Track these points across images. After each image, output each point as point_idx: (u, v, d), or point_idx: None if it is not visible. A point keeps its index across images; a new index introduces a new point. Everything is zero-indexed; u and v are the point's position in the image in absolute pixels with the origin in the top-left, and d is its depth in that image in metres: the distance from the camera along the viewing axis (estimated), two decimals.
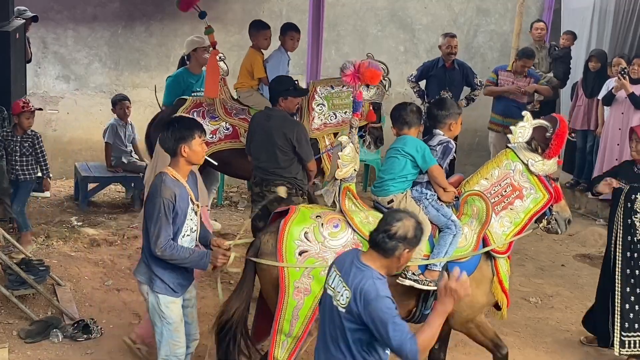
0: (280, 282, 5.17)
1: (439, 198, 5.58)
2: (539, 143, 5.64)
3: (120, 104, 9.86)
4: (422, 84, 10.10)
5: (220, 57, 8.00)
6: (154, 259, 4.86)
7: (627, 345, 6.47)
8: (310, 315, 5.19)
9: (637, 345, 6.46)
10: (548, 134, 5.58)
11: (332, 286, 4.11)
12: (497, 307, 5.73)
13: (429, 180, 5.62)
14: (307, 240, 5.21)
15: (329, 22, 10.95)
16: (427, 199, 5.53)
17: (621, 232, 6.49)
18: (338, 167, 5.34)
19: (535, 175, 5.63)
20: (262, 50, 8.29)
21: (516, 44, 11.16)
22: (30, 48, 9.98)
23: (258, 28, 8.34)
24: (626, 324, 6.45)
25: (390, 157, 5.59)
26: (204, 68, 8.43)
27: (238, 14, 11.02)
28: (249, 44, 8.43)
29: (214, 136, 7.80)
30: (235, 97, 8.24)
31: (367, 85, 6.78)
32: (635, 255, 6.43)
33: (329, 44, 11.15)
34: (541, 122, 5.68)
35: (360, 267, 4.00)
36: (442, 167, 5.61)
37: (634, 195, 6.41)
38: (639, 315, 6.45)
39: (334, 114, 7.83)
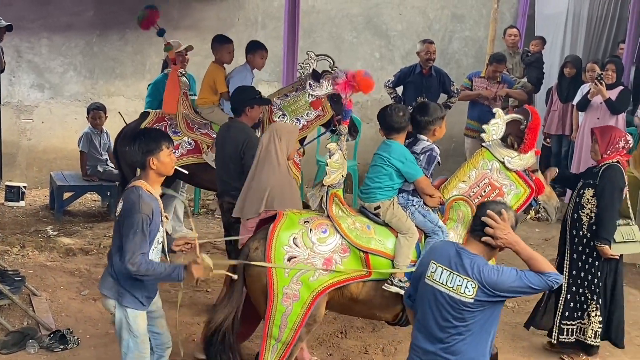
0: (269, 288, 5.16)
1: (425, 203, 5.59)
2: (515, 138, 5.62)
3: (93, 112, 9.82)
4: (400, 90, 10.13)
5: (181, 72, 8.00)
6: (123, 274, 4.81)
7: (565, 333, 6.58)
8: (299, 321, 5.19)
9: (574, 333, 6.57)
10: (522, 127, 5.57)
11: (441, 281, 4.26)
12: None
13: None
14: (296, 245, 5.21)
15: (304, 29, 10.95)
16: (414, 206, 5.53)
17: (569, 226, 6.56)
18: (326, 174, 5.34)
19: (514, 171, 5.62)
20: (224, 65, 8.25)
21: (491, 50, 11.24)
22: (4, 57, 9.91)
23: (221, 42, 8.31)
24: (566, 312, 6.55)
25: (376, 165, 5.56)
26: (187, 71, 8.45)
27: (213, 22, 11.01)
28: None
29: (177, 151, 7.75)
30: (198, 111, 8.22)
31: (318, 81, 6.82)
32: (580, 249, 6.50)
33: (304, 51, 11.06)
34: (514, 116, 5.68)
35: (469, 257, 4.25)
36: (427, 176, 5.60)
37: (582, 191, 6.47)
38: (578, 305, 6.54)
39: (297, 119, 7.82)
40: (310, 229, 5.27)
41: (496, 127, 5.61)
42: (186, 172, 5.64)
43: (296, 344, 5.25)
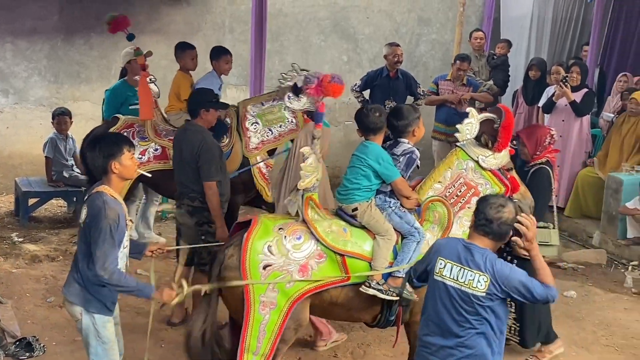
0: (246, 296, 5.13)
1: (402, 205, 5.59)
2: (489, 137, 5.61)
3: (58, 118, 9.73)
4: (367, 93, 10.15)
5: (150, 79, 7.94)
6: (90, 280, 4.76)
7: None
8: (277, 330, 5.17)
9: None
10: (495, 126, 5.57)
11: (452, 277, 4.33)
12: None
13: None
14: (271, 253, 5.17)
15: (271, 32, 10.94)
16: (391, 207, 5.51)
17: None
18: (301, 178, 5.32)
19: (489, 170, 5.60)
20: (190, 72, 8.21)
21: (457, 53, 11.31)
22: None
23: (183, 49, 8.21)
24: None
25: (354, 166, 5.54)
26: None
27: (180, 26, 10.97)
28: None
29: (143, 157, 7.71)
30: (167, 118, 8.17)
31: (298, 95, 6.83)
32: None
33: (272, 55, 11.14)
34: (487, 115, 5.65)
35: (479, 251, 4.32)
36: (405, 178, 5.59)
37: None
38: None
39: (270, 129, 7.77)
40: (285, 236, 5.24)
41: (470, 126, 5.57)
42: (149, 174, 5.57)
43: (275, 355, 5.23)
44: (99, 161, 4.81)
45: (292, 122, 7.72)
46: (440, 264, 4.39)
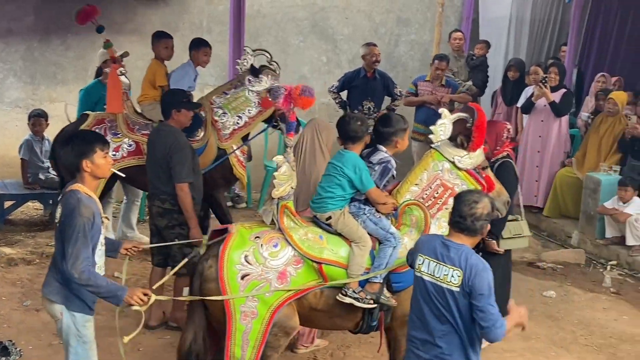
0: (226, 308, 5.10)
1: (378, 211, 5.55)
2: (463, 137, 5.57)
3: (34, 119, 9.64)
4: (344, 94, 10.12)
5: (120, 72, 7.86)
6: (70, 279, 4.71)
7: None
8: (260, 338, 5.13)
9: None
10: (468, 125, 5.55)
11: (429, 272, 4.41)
12: None
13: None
14: (248, 263, 5.13)
15: (250, 33, 10.90)
16: (365, 214, 5.47)
17: None
18: (275, 187, 5.28)
19: (464, 170, 5.56)
20: (164, 61, 8.15)
21: (436, 53, 11.31)
22: None
23: (159, 37, 8.23)
24: None
25: (330, 174, 5.49)
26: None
27: (157, 26, 10.84)
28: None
29: (117, 153, 7.63)
30: (140, 111, 8.10)
31: (257, 76, 6.73)
32: None
33: None
34: (459, 115, 5.64)
35: (456, 247, 4.37)
36: (379, 187, 5.55)
37: None
38: None
39: (239, 116, 7.73)
40: (262, 244, 5.20)
41: (443, 127, 5.55)
42: (123, 175, 5.52)
43: None
44: (71, 159, 4.77)
45: (258, 104, 7.69)
46: (420, 260, 4.46)
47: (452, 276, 4.31)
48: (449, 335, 4.37)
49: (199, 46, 8.25)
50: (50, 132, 9.72)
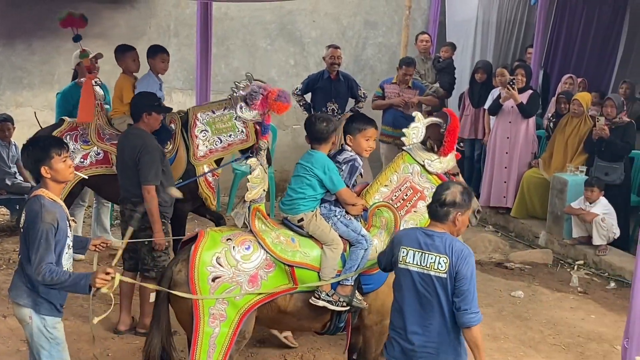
0: (195, 310, 5.07)
1: (347, 212, 5.56)
2: (435, 141, 5.61)
3: (0, 124, 9.52)
4: (309, 97, 10.12)
5: (95, 82, 7.81)
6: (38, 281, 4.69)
7: None
8: (227, 342, 5.11)
9: None
10: (442, 130, 5.58)
11: (415, 262, 4.50)
12: None
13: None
14: (220, 265, 5.11)
15: (217, 36, 10.87)
16: (336, 216, 5.49)
17: None
18: (248, 189, 5.27)
19: (435, 174, 5.59)
20: (133, 74, 8.07)
21: (403, 56, 11.36)
22: None
23: (124, 51, 8.04)
24: None
25: (299, 175, 5.50)
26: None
27: (123, 30, 10.82)
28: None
29: (85, 160, 7.62)
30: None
31: (247, 103, 6.79)
32: None
33: (218, 59, 11.07)
34: (433, 119, 5.67)
35: (438, 235, 4.50)
36: (349, 187, 5.58)
37: None
38: None
39: (219, 138, 7.70)
40: (234, 247, 5.19)
41: (416, 130, 5.59)
42: (84, 176, 5.51)
43: None
44: (30, 166, 4.80)
45: (242, 132, 7.65)
46: (403, 252, 4.55)
47: (439, 263, 4.44)
48: (436, 324, 4.49)
49: (154, 54, 8.12)
50: (17, 137, 9.63)
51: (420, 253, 4.49)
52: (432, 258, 4.45)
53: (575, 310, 7.92)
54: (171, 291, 5.12)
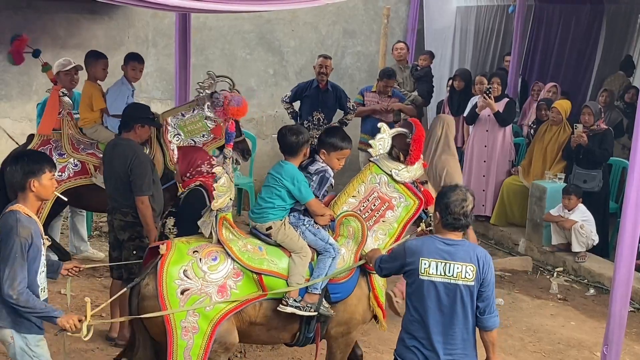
0: (167, 324, 5.05)
1: (316, 222, 5.57)
2: (400, 150, 5.64)
3: None
4: (297, 105, 10.13)
5: (62, 92, 7.77)
6: None
7: None
8: (202, 354, 5.09)
9: None
10: (408, 140, 5.62)
11: (439, 273, 4.49)
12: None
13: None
14: (187, 277, 5.10)
15: (196, 46, 10.85)
16: (305, 225, 5.51)
17: None
18: (213, 198, 5.27)
19: (402, 183, 5.62)
20: (98, 81, 8.01)
21: (382, 64, 11.40)
22: None
23: (96, 57, 7.99)
24: None
25: (269, 185, 5.51)
26: (74, 90, 8.27)
27: (101, 40, 10.78)
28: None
29: (63, 174, 7.57)
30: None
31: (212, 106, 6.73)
32: None
33: (197, 68, 11.02)
34: (398, 130, 5.70)
35: (459, 244, 4.53)
36: (318, 197, 5.60)
37: None
38: None
39: (192, 140, 7.72)
40: (200, 258, 5.18)
41: (382, 141, 5.62)
42: (65, 199, 5.49)
43: None
44: (17, 177, 4.73)
45: (213, 130, 7.67)
46: (425, 264, 4.52)
47: (467, 272, 4.47)
48: (459, 331, 4.54)
49: (126, 61, 8.13)
50: None
51: (443, 264, 4.49)
52: (458, 268, 4.47)
53: (555, 317, 7.96)
54: (139, 316, 5.12)
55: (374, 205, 5.61)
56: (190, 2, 5.65)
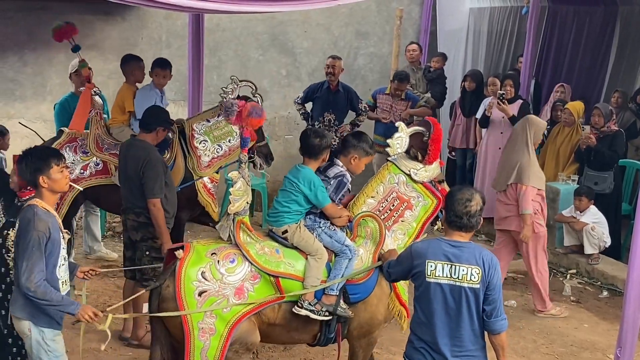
0: (184, 325, 5.09)
1: (332, 224, 5.57)
2: (418, 150, 5.65)
3: None
4: (309, 106, 10.15)
5: (95, 92, 7.82)
6: None
7: None
8: (218, 355, 5.12)
9: None
10: (425, 139, 5.62)
11: (445, 275, 4.47)
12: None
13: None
14: (205, 279, 5.14)
15: (209, 47, 10.88)
16: (321, 227, 5.53)
17: None
18: (230, 202, 5.29)
19: (420, 183, 5.63)
20: (137, 84, 8.10)
21: (395, 66, 11.40)
22: None
23: (128, 60, 8.16)
24: None
25: (286, 189, 5.54)
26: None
27: (116, 41, 10.83)
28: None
29: (85, 172, 7.63)
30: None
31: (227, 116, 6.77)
32: None
33: (210, 70, 11.07)
34: (416, 128, 5.70)
35: (465, 246, 4.51)
36: (334, 201, 5.60)
37: None
38: None
39: (219, 145, 7.73)
40: (218, 261, 5.21)
41: (400, 140, 5.63)
42: (80, 187, 5.52)
43: None
44: (27, 175, 4.80)
45: (239, 135, 7.70)
46: (431, 266, 4.52)
47: (472, 274, 4.46)
48: (466, 333, 4.54)
49: (152, 67, 8.20)
50: (8, 149, 9.59)
51: (449, 266, 4.48)
52: (463, 270, 4.46)
53: (568, 320, 7.94)
54: (157, 314, 5.18)
55: (393, 205, 5.62)
56: (203, 2, 5.66)
